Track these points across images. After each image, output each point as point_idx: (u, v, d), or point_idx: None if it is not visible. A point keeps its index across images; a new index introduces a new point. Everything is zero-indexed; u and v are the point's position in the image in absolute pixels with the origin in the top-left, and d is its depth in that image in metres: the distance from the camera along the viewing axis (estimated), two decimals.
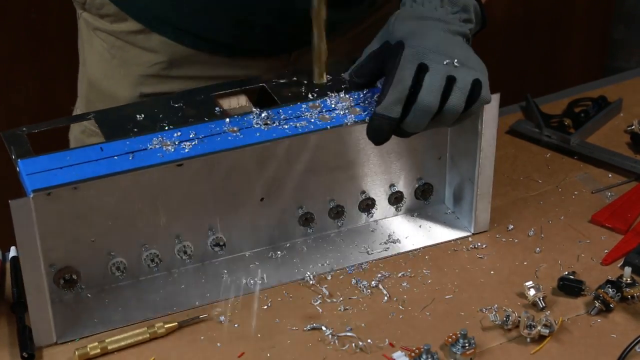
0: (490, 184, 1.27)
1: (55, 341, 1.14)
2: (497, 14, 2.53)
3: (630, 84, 1.61)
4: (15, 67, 2.17)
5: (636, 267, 1.21)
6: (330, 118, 1.18)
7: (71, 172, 1.10)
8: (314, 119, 1.18)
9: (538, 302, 1.17)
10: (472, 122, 1.23)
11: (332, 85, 1.25)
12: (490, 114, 1.22)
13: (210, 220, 1.22)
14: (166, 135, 1.15)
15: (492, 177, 1.26)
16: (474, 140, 1.24)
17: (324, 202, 1.27)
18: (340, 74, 1.26)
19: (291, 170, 1.23)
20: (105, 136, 1.17)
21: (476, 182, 1.25)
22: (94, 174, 1.10)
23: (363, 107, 1.20)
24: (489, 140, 1.23)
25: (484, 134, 1.23)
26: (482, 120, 1.22)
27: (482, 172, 1.25)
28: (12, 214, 1.06)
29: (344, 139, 1.24)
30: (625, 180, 1.39)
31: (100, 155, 1.12)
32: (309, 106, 1.20)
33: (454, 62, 1.16)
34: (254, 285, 1.21)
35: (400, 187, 1.30)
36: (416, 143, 1.28)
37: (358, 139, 1.24)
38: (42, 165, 1.11)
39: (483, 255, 1.26)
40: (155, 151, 1.13)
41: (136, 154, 1.13)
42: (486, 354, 1.12)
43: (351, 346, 1.13)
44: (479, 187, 1.26)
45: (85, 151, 1.12)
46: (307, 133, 1.17)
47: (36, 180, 1.09)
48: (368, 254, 1.26)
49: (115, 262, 1.19)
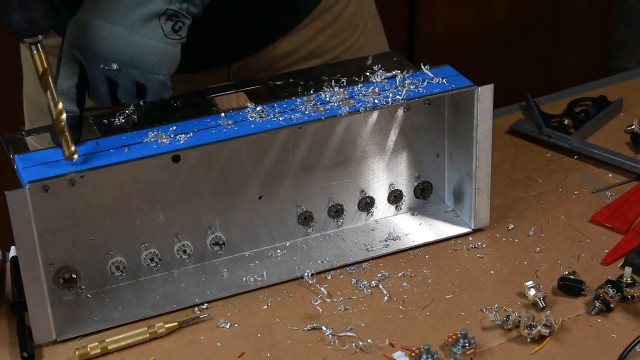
0: (489, 178, 1.27)
1: (54, 338, 1.14)
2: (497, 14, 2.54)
3: (630, 84, 1.61)
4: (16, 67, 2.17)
5: (636, 267, 1.21)
6: (324, 110, 1.19)
7: (67, 164, 1.10)
8: (308, 111, 1.18)
9: (538, 302, 1.17)
10: (467, 115, 1.23)
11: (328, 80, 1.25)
12: (484, 105, 1.22)
13: (209, 219, 1.22)
14: (162, 129, 1.15)
15: (490, 171, 1.26)
16: (470, 133, 1.24)
17: (323, 201, 1.27)
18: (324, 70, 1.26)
19: (289, 165, 1.23)
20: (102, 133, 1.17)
21: (474, 176, 1.26)
22: (90, 165, 1.10)
23: (357, 100, 1.20)
24: (484, 132, 1.24)
25: (479, 125, 1.23)
26: (477, 111, 1.22)
27: (480, 166, 1.25)
28: (8, 205, 1.06)
29: (340, 135, 1.24)
30: (625, 180, 1.39)
31: (96, 148, 1.13)
32: (304, 100, 1.21)
33: (112, 66, 1.12)
34: (253, 284, 1.21)
35: (399, 185, 1.30)
36: (413, 140, 1.28)
37: (354, 135, 1.25)
38: (38, 159, 1.11)
39: (483, 254, 1.26)
40: (150, 144, 1.13)
41: (132, 147, 1.13)
42: (486, 354, 1.12)
43: (351, 346, 1.13)
44: (477, 181, 1.26)
45: (81, 146, 1.13)
46: (302, 123, 1.17)
47: (32, 173, 1.09)
48: (368, 251, 1.26)
49: (114, 262, 1.19)
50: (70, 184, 1.14)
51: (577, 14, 2.69)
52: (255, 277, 1.22)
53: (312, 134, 1.23)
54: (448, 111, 1.28)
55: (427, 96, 1.21)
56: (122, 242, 1.19)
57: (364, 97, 1.21)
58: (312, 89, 1.24)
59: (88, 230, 1.17)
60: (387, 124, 1.26)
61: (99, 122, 1.19)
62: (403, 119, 1.27)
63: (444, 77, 1.24)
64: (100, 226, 1.17)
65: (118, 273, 1.20)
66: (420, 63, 1.27)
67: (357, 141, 1.26)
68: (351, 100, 1.20)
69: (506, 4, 2.55)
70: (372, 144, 1.26)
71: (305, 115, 1.18)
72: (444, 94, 1.22)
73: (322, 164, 1.25)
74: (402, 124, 1.27)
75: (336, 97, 1.21)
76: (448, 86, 1.22)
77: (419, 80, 1.23)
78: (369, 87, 1.23)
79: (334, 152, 1.25)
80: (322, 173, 1.26)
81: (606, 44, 2.76)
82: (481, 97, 1.21)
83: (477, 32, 2.54)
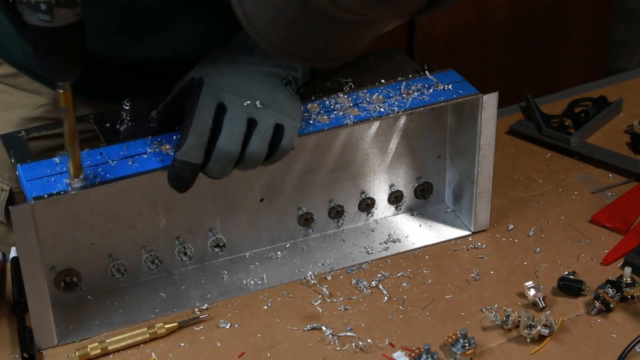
0: (490, 183, 1.27)
1: (56, 343, 1.14)
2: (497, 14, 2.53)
3: (630, 84, 1.60)
4: None
5: (636, 267, 1.21)
6: (329, 119, 1.18)
7: None
8: (312, 120, 1.18)
9: (538, 302, 1.17)
10: (470, 121, 1.23)
11: (331, 87, 1.24)
12: (488, 113, 1.22)
13: (210, 221, 1.22)
14: (165, 138, 1.14)
15: (492, 176, 1.26)
16: (473, 139, 1.24)
17: (323, 202, 1.27)
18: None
19: (291, 170, 1.23)
20: (104, 137, 1.17)
21: (476, 181, 1.26)
22: (94, 182, 1.09)
23: (362, 108, 1.20)
24: (487, 138, 1.23)
25: (482, 132, 1.23)
26: (481, 119, 1.22)
27: (482, 171, 1.25)
28: (12, 219, 1.06)
29: (343, 139, 1.24)
30: (625, 180, 1.39)
31: (100, 160, 1.12)
32: (308, 107, 1.20)
33: (255, 103, 1.09)
34: (254, 285, 1.21)
35: (399, 186, 1.30)
36: (415, 143, 1.28)
37: (357, 139, 1.25)
38: (42, 170, 1.10)
39: (483, 255, 1.26)
40: (155, 155, 1.12)
41: (136, 158, 1.12)
42: (486, 354, 1.12)
43: (351, 346, 1.13)
44: (478, 185, 1.26)
45: (84, 156, 1.11)
46: (306, 134, 1.17)
47: (36, 187, 1.08)
48: (368, 254, 1.26)
49: (115, 264, 1.19)
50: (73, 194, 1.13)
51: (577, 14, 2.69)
52: (255, 280, 1.22)
53: (314, 140, 1.22)
54: (451, 116, 1.27)
55: (432, 104, 1.20)
56: (123, 245, 1.19)
57: (369, 105, 1.20)
58: (317, 90, 1.23)
59: (89, 235, 1.17)
60: (389, 128, 1.26)
61: (99, 122, 1.19)
62: (406, 123, 1.26)
63: (448, 83, 1.23)
64: (102, 230, 1.17)
65: (119, 275, 1.20)
66: (424, 65, 1.26)
67: (360, 145, 1.25)
68: (355, 108, 1.19)
69: (506, 4, 2.55)
70: (374, 147, 1.26)
71: (310, 126, 1.17)
72: (449, 102, 1.21)
73: (324, 167, 1.25)
74: (405, 128, 1.26)
75: (341, 104, 1.20)
76: (453, 93, 1.21)
77: (424, 87, 1.22)
78: (373, 93, 1.22)
79: (336, 155, 1.24)
80: (324, 175, 1.25)
81: (606, 44, 2.75)
82: (485, 105, 1.21)
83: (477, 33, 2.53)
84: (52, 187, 1.08)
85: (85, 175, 1.08)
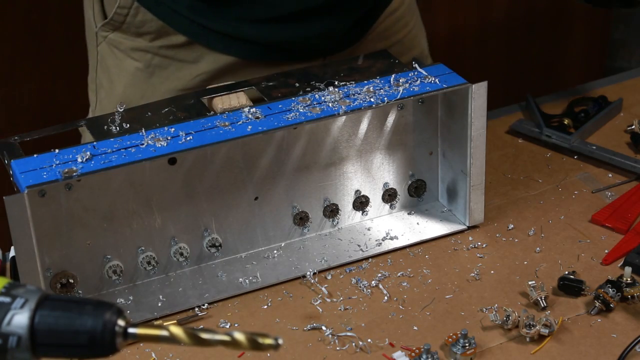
0: (483, 176, 1.27)
1: None
2: (497, 14, 2.53)
3: (630, 84, 1.60)
4: (16, 67, 2.17)
5: (636, 267, 1.21)
6: (320, 110, 1.19)
7: (64, 169, 1.10)
8: (303, 111, 1.18)
9: (540, 302, 1.17)
10: (461, 113, 1.24)
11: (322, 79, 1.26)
12: (478, 102, 1.22)
13: (205, 220, 1.22)
14: (159, 132, 1.15)
15: (485, 168, 1.26)
16: (464, 131, 1.24)
17: (318, 201, 1.27)
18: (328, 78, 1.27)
19: (284, 165, 1.23)
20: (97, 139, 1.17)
21: (469, 174, 1.26)
22: (88, 169, 1.10)
23: (352, 99, 1.20)
24: (479, 129, 1.24)
25: (473, 123, 1.23)
26: (471, 109, 1.22)
27: (474, 163, 1.25)
28: (6, 211, 1.05)
29: (335, 136, 1.24)
30: (625, 180, 1.39)
31: (94, 152, 1.12)
32: (299, 100, 1.20)
33: None
34: (251, 285, 1.21)
35: (393, 184, 1.31)
36: (407, 138, 1.29)
37: (350, 136, 1.25)
38: (35, 163, 1.11)
39: (483, 254, 1.26)
40: (148, 147, 1.13)
41: (129, 150, 1.13)
42: (486, 353, 1.12)
43: (351, 346, 1.13)
44: (471, 178, 1.26)
45: (78, 149, 1.12)
46: (298, 124, 1.17)
47: (30, 177, 1.09)
48: (363, 252, 1.26)
49: (111, 266, 1.19)
50: (66, 188, 1.14)
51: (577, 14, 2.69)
52: (250, 278, 1.22)
53: (306, 134, 1.23)
54: (441, 109, 1.28)
55: (423, 94, 1.22)
56: (118, 245, 1.19)
57: (359, 96, 1.21)
58: (307, 88, 1.24)
59: (85, 235, 1.17)
60: (380, 123, 1.26)
61: (93, 126, 1.19)
62: (396, 118, 1.27)
63: (437, 75, 1.24)
64: (97, 230, 1.17)
65: (115, 277, 1.20)
66: (412, 63, 1.27)
67: (351, 140, 1.26)
68: (346, 99, 1.20)
69: (506, 4, 2.55)
70: (366, 143, 1.27)
71: (302, 115, 1.18)
72: (440, 91, 1.22)
73: (317, 164, 1.25)
74: (396, 123, 1.27)
75: (331, 96, 1.21)
76: (442, 84, 1.23)
77: (414, 79, 1.24)
78: (363, 86, 1.23)
79: (328, 151, 1.25)
80: (317, 173, 1.26)
81: (606, 44, 2.76)
82: (475, 95, 1.21)
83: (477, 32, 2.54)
84: (45, 177, 1.09)
85: None
